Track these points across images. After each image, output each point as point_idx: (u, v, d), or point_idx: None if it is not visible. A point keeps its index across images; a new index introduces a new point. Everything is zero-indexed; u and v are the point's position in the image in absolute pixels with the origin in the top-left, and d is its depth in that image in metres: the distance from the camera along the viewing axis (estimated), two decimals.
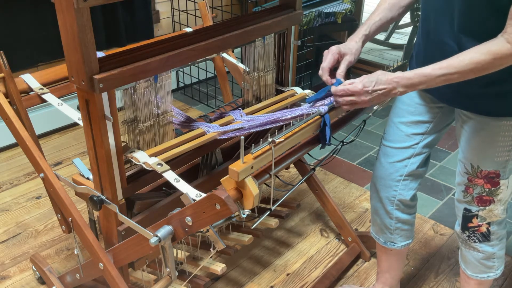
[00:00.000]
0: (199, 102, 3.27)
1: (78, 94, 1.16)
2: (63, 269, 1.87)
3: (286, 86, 1.71)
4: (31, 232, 2.07)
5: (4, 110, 1.38)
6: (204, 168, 1.59)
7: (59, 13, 1.05)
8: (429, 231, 2.13)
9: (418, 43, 1.37)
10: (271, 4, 2.85)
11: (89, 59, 1.07)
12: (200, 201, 1.11)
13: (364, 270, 1.92)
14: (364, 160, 2.65)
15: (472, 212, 1.40)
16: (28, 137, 1.40)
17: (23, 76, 1.48)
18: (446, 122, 1.45)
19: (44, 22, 2.55)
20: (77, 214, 1.38)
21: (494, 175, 1.32)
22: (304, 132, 1.23)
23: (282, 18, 1.52)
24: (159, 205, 1.41)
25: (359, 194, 2.37)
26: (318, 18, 2.90)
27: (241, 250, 1.95)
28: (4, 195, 2.28)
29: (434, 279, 1.89)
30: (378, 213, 1.59)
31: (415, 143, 1.45)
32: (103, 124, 1.17)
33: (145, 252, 1.27)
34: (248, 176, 1.06)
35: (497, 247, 1.45)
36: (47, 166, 1.40)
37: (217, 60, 1.98)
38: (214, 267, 1.52)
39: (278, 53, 1.65)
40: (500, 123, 1.24)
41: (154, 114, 1.31)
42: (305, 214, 2.21)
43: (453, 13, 1.17)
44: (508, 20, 1.05)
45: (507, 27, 1.06)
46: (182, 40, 1.30)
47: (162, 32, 3.18)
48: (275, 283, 1.85)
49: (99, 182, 1.28)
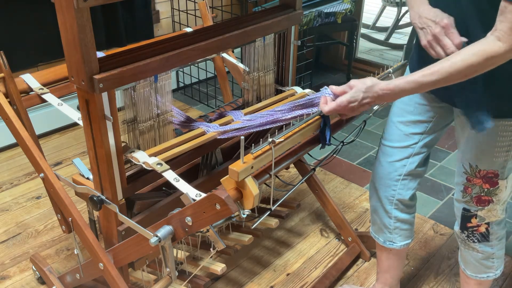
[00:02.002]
0: (199, 102, 3.27)
1: (78, 94, 1.16)
2: (63, 269, 1.88)
3: (286, 86, 1.71)
4: (31, 232, 2.07)
5: (4, 110, 1.38)
6: (204, 168, 1.59)
7: (59, 13, 1.05)
8: (429, 231, 2.13)
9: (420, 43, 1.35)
10: (271, 4, 2.85)
11: (89, 59, 1.07)
12: (200, 201, 1.11)
13: (364, 270, 1.92)
14: (364, 160, 2.65)
15: (471, 212, 1.40)
16: (28, 137, 1.40)
17: (23, 76, 1.48)
18: (445, 122, 1.45)
19: (44, 22, 2.55)
20: (77, 214, 1.38)
21: (492, 175, 1.32)
22: (304, 132, 1.23)
23: (282, 18, 1.52)
24: (159, 205, 1.41)
25: (359, 194, 2.37)
26: (318, 18, 2.91)
27: (241, 250, 1.95)
28: (4, 195, 2.29)
29: (434, 279, 1.89)
30: (377, 213, 1.60)
31: (414, 143, 1.45)
32: (103, 124, 1.17)
33: (145, 252, 1.27)
34: (248, 176, 1.06)
35: (496, 247, 1.45)
36: (47, 166, 1.41)
37: (217, 60, 1.98)
38: (214, 267, 1.52)
39: (278, 53, 1.65)
40: (498, 124, 1.24)
41: (154, 114, 1.31)
42: (305, 214, 2.21)
43: (457, 13, 1.17)
44: (498, 16, 1.03)
45: (497, 24, 1.03)
46: (182, 40, 1.30)
47: (162, 32, 3.18)
48: (275, 283, 1.85)
49: (99, 182, 1.28)
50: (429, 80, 1.11)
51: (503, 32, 1.02)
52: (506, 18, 1.01)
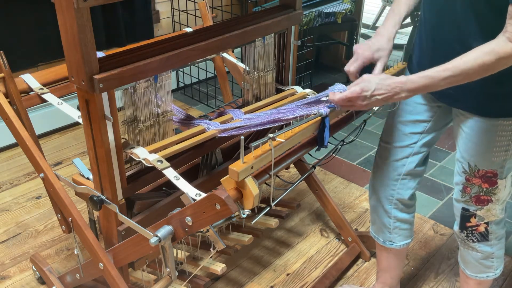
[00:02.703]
0: (199, 102, 3.27)
1: (78, 94, 1.16)
2: (63, 269, 1.88)
3: (286, 86, 1.71)
4: (31, 232, 2.07)
5: (4, 110, 1.39)
6: (204, 168, 1.59)
7: (59, 13, 1.05)
8: (429, 231, 2.13)
9: (420, 44, 1.35)
10: (271, 4, 2.85)
11: (89, 59, 1.07)
12: (200, 201, 1.11)
13: (364, 270, 1.92)
14: (364, 160, 2.65)
15: (470, 212, 1.40)
16: (28, 137, 1.40)
17: (23, 76, 1.48)
18: (444, 122, 1.46)
19: (44, 22, 2.55)
20: (77, 214, 1.38)
21: (491, 174, 1.32)
22: (304, 132, 1.23)
23: (282, 18, 1.52)
24: (159, 205, 1.41)
25: (359, 194, 2.37)
26: (318, 18, 2.91)
27: (241, 250, 1.95)
28: (4, 195, 2.29)
29: (434, 279, 1.89)
30: (376, 212, 1.60)
31: (413, 142, 1.45)
32: (103, 124, 1.17)
33: (145, 252, 1.27)
34: (248, 176, 1.06)
35: (495, 246, 1.45)
36: (47, 166, 1.41)
37: (217, 60, 1.98)
38: (214, 267, 1.52)
39: (278, 53, 1.65)
40: (497, 123, 1.25)
41: (154, 114, 1.31)
42: (305, 214, 2.21)
43: (455, 13, 1.17)
44: (508, 19, 1.05)
45: (507, 26, 1.05)
46: (182, 40, 1.30)
47: (162, 32, 3.18)
48: (275, 283, 1.85)
49: (99, 182, 1.28)
50: (441, 76, 1.11)
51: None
52: None
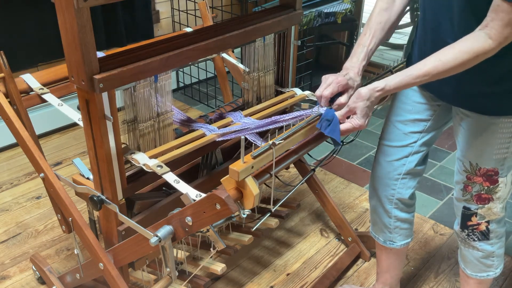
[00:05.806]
0: (199, 102, 3.27)
1: (78, 94, 1.16)
2: (63, 269, 1.88)
3: (286, 86, 1.71)
4: (31, 232, 2.07)
5: (4, 110, 1.38)
6: (204, 168, 1.59)
7: (59, 13, 1.05)
8: (429, 231, 2.13)
9: (419, 42, 1.36)
10: (271, 4, 2.85)
11: (89, 59, 1.07)
12: (200, 201, 1.11)
13: (364, 270, 1.92)
14: (364, 160, 2.65)
15: (471, 210, 1.40)
16: (28, 137, 1.40)
17: (23, 76, 1.48)
18: (444, 120, 1.46)
19: (44, 22, 2.55)
20: (77, 214, 1.38)
21: (492, 173, 1.32)
22: (304, 132, 1.23)
23: (282, 18, 1.52)
24: (159, 205, 1.41)
25: (359, 194, 2.37)
26: (318, 18, 2.91)
27: (241, 250, 1.95)
28: (4, 195, 2.29)
29: (434, 279, 1.89)
30: (377, 212, 1.60)
31: (413, 142, 1.45)
32: (103, 124, 1.17)
33: (145, 252, 1.27)
34: (248, 176, 1.06)
35: (496, 245, 1.45)
36: (47, 166, 1.41)
37: (217, 60, 1.98)
38: (214, 267, 1.52)
39: (278, 53, 1.65)
40: (498, 121, 1.25)
41: (154, 114, 1.31)
42: (305, 214, 2.21)
43: (453, 11, 1.17)
44: (490, 13, 1.03)
45: (487, 21, 1.04)
46: (182, 40, 1.30)
47: (162, 32, 3.18)
48: (275, 283, 1.85)
49: (99, 182, 1.28)
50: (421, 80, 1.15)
51: (495, 30, 1.04)
52: (498, 16, 1.02)
